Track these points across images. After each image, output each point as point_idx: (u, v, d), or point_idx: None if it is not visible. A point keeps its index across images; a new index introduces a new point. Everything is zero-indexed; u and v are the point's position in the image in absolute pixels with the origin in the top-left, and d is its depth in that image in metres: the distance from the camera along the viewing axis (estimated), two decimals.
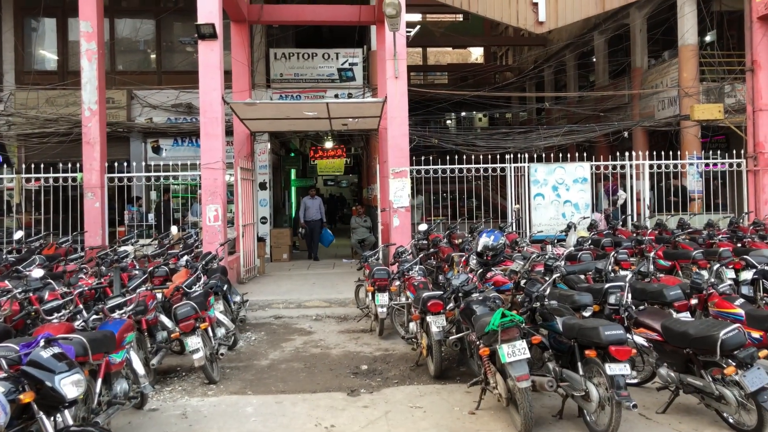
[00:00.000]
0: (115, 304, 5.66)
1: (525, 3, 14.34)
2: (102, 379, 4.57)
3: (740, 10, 13.08)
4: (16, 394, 3.48)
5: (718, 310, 5.80)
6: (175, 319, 6.16)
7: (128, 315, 5.61)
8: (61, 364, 3.74)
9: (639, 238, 9.91)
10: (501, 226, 11.70)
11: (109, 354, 4.71)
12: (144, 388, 5.27)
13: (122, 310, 5.61)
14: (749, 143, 12.92)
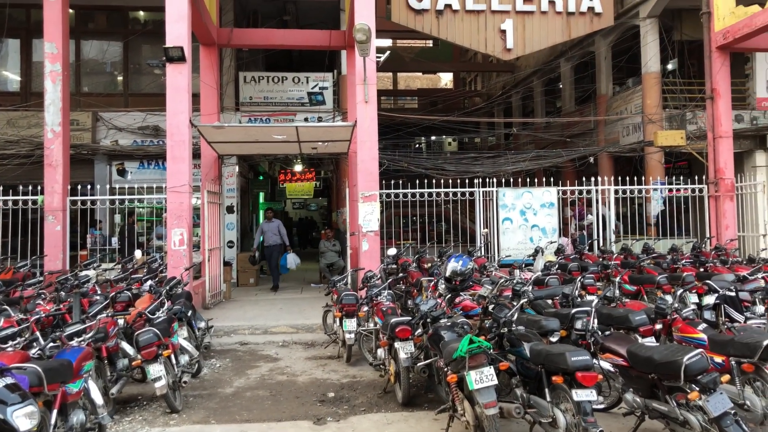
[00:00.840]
0: (73, 331, 5.48)
1: (493, 30, 14.65)
2: (57, 410, 4.41)
3: (700, 39, 13.50)
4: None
5: (682, 335, 5.86)
6: (137, 346, 5.99)
7: (87, 342, 5.44)
8: (14, 396, 3.61)
9: (605, 263, 10.02)
10: (470, 250, 11.74)
11: (65, 384, 4.55)
12: (102, 419, 5.08)
13: (81, 337, 5.44)
14: (710, 169, 13.26)
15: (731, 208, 13.01)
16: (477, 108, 23.67)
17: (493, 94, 26.68)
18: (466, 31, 14.61)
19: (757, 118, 15.38)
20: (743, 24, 12.03)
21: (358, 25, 9.87)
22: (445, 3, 14.37)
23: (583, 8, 14.78)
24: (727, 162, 13.08)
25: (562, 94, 20.96)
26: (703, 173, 13.55)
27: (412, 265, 10.61)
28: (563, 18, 14.82)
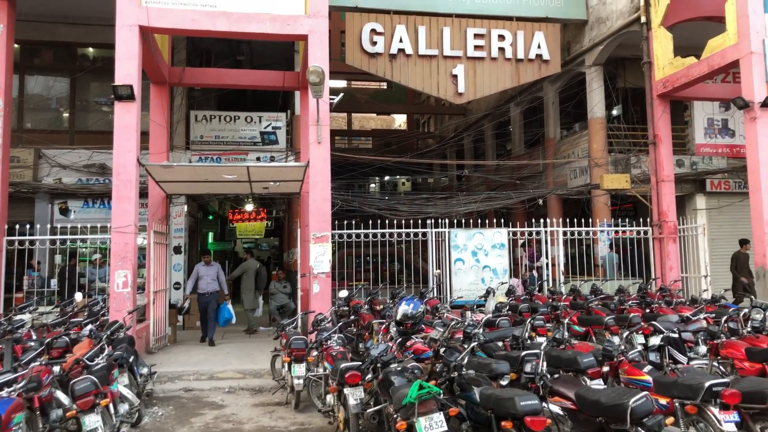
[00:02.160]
0: (3, 381, 5.18)
1: (445, 75, 14.99)
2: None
3: (642, 87, 14.08)
4: None
5: (628, 377, 5.92)
6: (73, 396, 5.68)
7: (18, 393, 5.13)
8: None
9: (555, 304, 10.13)
10: (422, 291, 11.72)
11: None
12: None
13: (11, 387, 5.14)
14: (654, 212, 13.68)
15: (674, 250, 13.41)
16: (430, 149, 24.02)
17: (445, 135, 27.15)
18: (419, 75, 14.91)
19: (697, 163, 16.04)
20: (681, 74, 12.62)
21: (312, 67, 9.93)
22: (398, 48, 14.65)
23: (531, 55, 15.30)
24: (670, 205, 13.54)
25: (512, 137, 21.47)
26: (647, 216, 13.96)
27: (364, 307, 10.51)
28: (512, 64, 15.29)
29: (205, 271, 12.12)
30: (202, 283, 12.02)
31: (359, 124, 38.03)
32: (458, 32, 14.98)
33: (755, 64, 10.57)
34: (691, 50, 12.56)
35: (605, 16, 15.33)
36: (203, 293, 12.05)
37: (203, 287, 12.03)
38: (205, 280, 12.02)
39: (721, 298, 10.51)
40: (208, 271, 12.12)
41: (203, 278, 12.05)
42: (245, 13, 10.56)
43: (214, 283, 12.07)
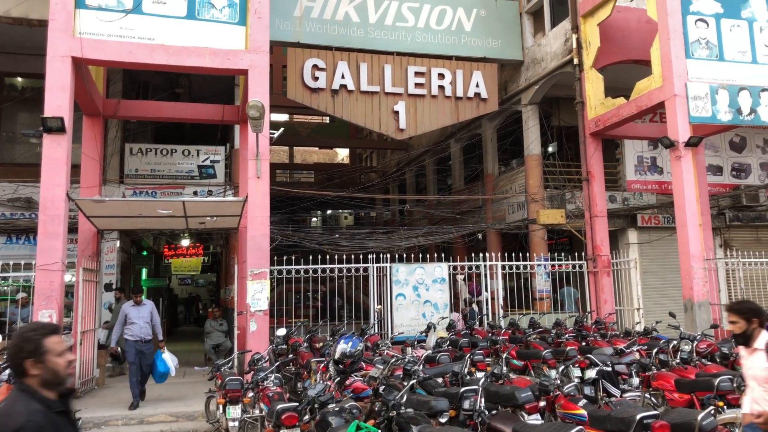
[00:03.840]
0: None
1: (387, 111, 15.15)
2: None
3: (576, 126, 14.58)
4: None
5: (564, 412, 5.96)
6: None
7: None
8: None
9: (494, 338, 10.19)
10: (363, 327, 11.61)
11: None
12: None
13: None
14: (588, 246, 14.07)
15: (609, 283, 13.78)
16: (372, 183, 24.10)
17: (387, 170, 27.37)
18: (360, 110, 15.02)
19: (628, 198, 16.65)
20: (612, 114, 13.15)
21: (252, 102, 9.86)
22: (340, 83, 14.74)
23: (470, 94, 15.68)
24: (603, 240, 13.95)
25: (452, 173, 21.83)
26: (582, 250, 14.34)
27: (303, 345, 10.29)
28: (452, 102, 15.61)
29: (136, 312, 9.99)
30: (133, 328, 9.89)
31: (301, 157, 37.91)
32: (399, 70, 15.23)
33: (679, 106, 11.13)
34: (620, 91, 13.14)
35: (540, 57, 15.92)
36: (135, 340, 9.85)
37: (134, 333, 9.87)
38: (137, 325, 9.90)
39: (652, 330, 10.83)
40: (140, 313, 10.00)
41: (134, 322, 9.91)
42: (184, 47, 10.42)
43: (147, 327, 9.97)
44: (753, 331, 4.42)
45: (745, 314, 4.45)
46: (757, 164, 17.98)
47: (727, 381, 6.45)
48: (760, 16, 11.92)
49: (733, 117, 11.42)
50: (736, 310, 4.51)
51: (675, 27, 11.30)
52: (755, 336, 4.42)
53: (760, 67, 11.76)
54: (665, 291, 14.90)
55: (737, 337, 4.56)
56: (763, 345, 4.36)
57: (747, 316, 4.44)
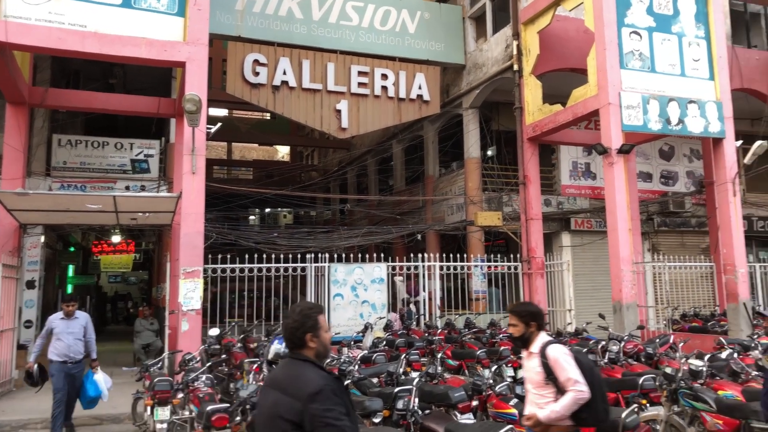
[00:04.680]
0: None
1: (329, 109, 15.05)
2: None
3: (515, 130, 14.85)
4: None
5: (496, 411, 6.04)
6: None
7: None
8: None
9: (430, 338, 10.25)
10: None
11: None
12: None
13: None
14: (523, 248, 14.36)
15: (542, 285, 14.11)
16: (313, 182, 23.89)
17: (329, 169, 27.22)
18: (302, 107, 14.87)
19: (563, 202, 17.10)
20: (549, 120, 13.46)
21: (188, 95, 9.59)
22: (282, 80, 14.55)
23: (412, 95, 15.77)
24: (538, 242, 14.28)
25: (394, 174, 21.90)
26: (518, 252, 14.63)
27: (237, 345, 10.07)
28: (395, 103, 15.67)
29: (65, 326, 7.95)
30: (59, 346, 7.88)
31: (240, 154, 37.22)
32: (342, 68, 15.15)
33: (612, 114, 11.47)
34: (558, 98, 13.46)
35: (482, 62, 16.16)
36: (62, 361, 7.85)
37: (61, 352, 7.86)
38: (64, 343, 7.88)
39: (583, 331, 11.13)
40: (70, 327, 7.97)
41: (61, 339, 7.91)
42: (119, 36, 10.02)
43: (78, 344, 8.00)
44: (531, 334, 4.41)
45: (524, 317, 4.42)
46: (684, 172, 18.80)
47: (650, 380, 6.68)
48: (689, 31, 12.45)
49: (663, 126, 11.87)
50: (516, 313, 4.48)
51: (611, 38, 11.65)
52: (533, 339, 4.41)
53: (687, 80, 12.28)
54: (596, 293, 15.36)
55: (515, 340, 4.56)
56: (537, 349, 4.35)
57: (526, 319, 4.41)
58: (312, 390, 2.69)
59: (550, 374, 4.24)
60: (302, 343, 2.93)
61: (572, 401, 4.14)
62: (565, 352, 4.30)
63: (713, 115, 12.19)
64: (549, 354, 4.27)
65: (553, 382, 4.25)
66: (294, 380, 2.79)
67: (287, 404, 2.72)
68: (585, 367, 4.26)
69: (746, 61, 15.17)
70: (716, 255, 13.66)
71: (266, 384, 3.08)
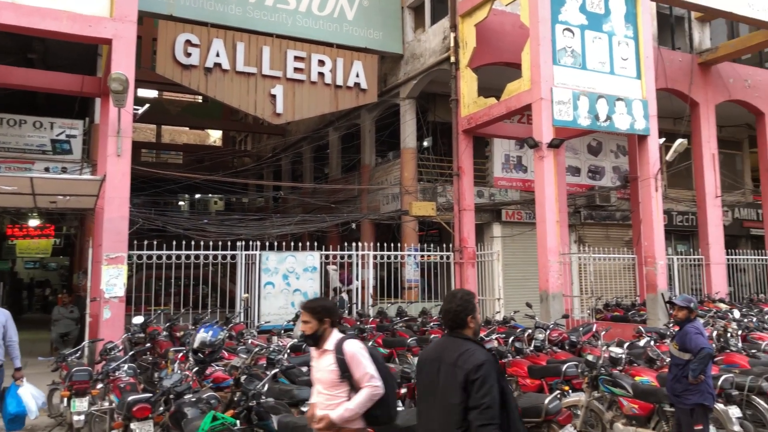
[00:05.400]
0: None
1: (263, 94, 14.76)
2: None
3: (450, 122, 14.99)
4: None
5: None
6: None
7: None
8: None
9: (361, 327, 10.25)
10: (228, 316, 11.23)
11: None
12: None
13: None
14: (456, 238, 14.55)
15: (473, 274, 14.35)
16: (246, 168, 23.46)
17: (263, 155, 26.76)
18: (235, 91, 14.53)
19: (495, 194, 17.43)
20: (483, 113, 13.64)
21: (114, 74, 9.22)
22: (214, 62, 14.17)
23: (350, 83, 15.68)
24: (470, 232, 14.50)
25: (329, 162, 21.75)
26: (450, 242, 14.82)
27: (162, 334, 9.77)
28: (332, 90, 15.54)
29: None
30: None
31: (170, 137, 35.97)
32: (278, 53, 14.88)
33: (544, 109, 11.73)
34: (493, 92, 13.66)
35: (419, 52, 16.21)
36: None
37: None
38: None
39: (511, 320, 11.39)
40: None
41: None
42: (38, 8, 9.46)
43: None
44: (324, 331, 4.12)
45: (318, 314, 4.13)
46: (611, 167, 19.52)
47: (573, 367, 6.91)
48: (619, 31, 12.86)
49: (592, 122, 12.24)
50: (310, 309, 4.17)
51: (545, 34, 11.89)
52: (326, 336, 4.13)
53: (616, 78, 12.69)
54: (524, 282, 15.76)
55: (307, 338, 4.24)
56: (332, 346, 4.09)
57: (320, 315, 4.13)
58: (478, 362, 3.31)
59: (345, 372, 4.01)
60: (464, 323, 3.52)
61: (368, 397, 3.96)
62: (362, 347, 4.11)
63: (639, 113, 12.66)
64: (346, 349, 4.03)
65: (348, 380, 4.02)
66: (461, 354, 3.39)
67: (455, 375, 3.35)
68: (379, 363, 4.11)
69: (670, 62, 15.84)
70: (638, 247, 14.28)
71: (427, 358, 3.67)
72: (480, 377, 3.28)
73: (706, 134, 16.31)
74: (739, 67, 17.71)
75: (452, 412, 3.34)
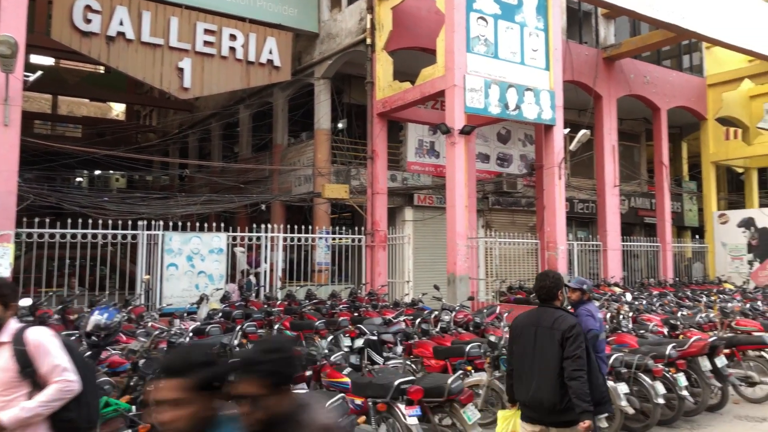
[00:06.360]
0: None
1: (170, 67, 14.11)
2: None
3: (365, 105, 14.93)
4: None
5: (329, 380, 6.05)
6: None
7: None
8: None
9: (269, 310, 10.08)
10: (128, 299, 10.73)
11: None
12: None
13: None
14: (368, 221, 14.58)
15: (384, 257, 14.45)
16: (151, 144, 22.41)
17: (169, 131, 25.69)
18: (140, 62, 13.81)
19: (408, 179, 17.56)
20: (398, 97, 13.67)
21: (2, 36, 8.64)
22: (117, 30, 13.40)
23: (262, 59, 15.26)
24: (382, 216, 14.57)
25: (240, 140, 21.16)
26: (363, 225, 14.83)
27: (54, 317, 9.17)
28: (243, 66, 15.07)
29: None
30: None
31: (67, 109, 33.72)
32: (187, 24, 14.25)
33: (457, 96, 11.89)
34: (408, 76, 13.69)
35: (335, 32, 15.99)
36: None
37: None
38: None
39: (419, 302, 11.55)
40: None
41: None
42: None
43: None
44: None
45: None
46: (518, 155, 20.14)
47: (476, 348, 7.08)
48: (530, 22, 13.20)
49: (502, 111, 12.53)
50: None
51: (459, 21, 12.01)
52: (1, 326, 3.29)
53: (526, 69, 13.04)
54: (434, 265, 16.02)
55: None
56: (9, 337, 3.28)
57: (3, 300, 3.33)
58: (571, 324, 4.26)
59: (27, 366, 3.22)
60: (555, 296, 4.43)
61: (56, 394, 3.21)
62: (51, 335, 3.37)
63: (546, 104, 13.09)
64: (29, 339, 3.26)
65: (31, 377, 3.23)
66: (555, 319, 4.30)
67: (552, 336, 4.25)
68: (76, 355, 3.41)
69: (577, 55, 16.49)
70: (541, 233, 14.85)
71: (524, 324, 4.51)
72: (573, 335, 4.20)
73: (607, 126, 17.16)
74: (640, 63, 18.73)
75: (552, 363, 4.21)
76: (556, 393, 4.18)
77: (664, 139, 19.02)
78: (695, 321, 9.48)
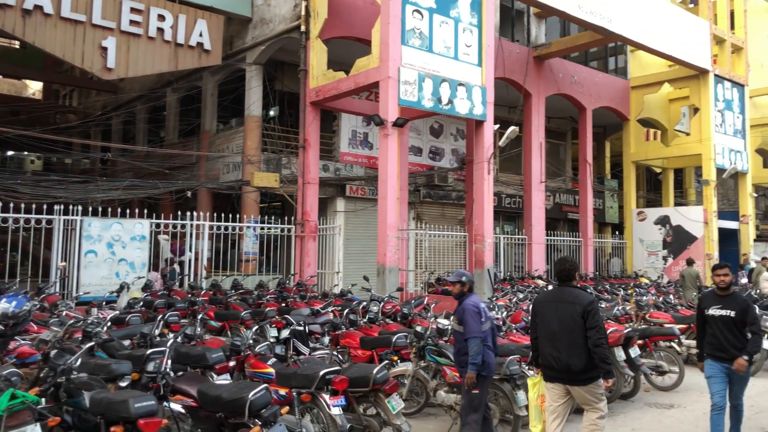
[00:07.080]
0: None
1: (93, 45, 13.51)
2: None
3: (298, 92, 14.72)
4: None
5: (253, 371, 5.96)
6: None
7: None
8: None
9: (193, 299, 9.82)
10: (41, 286, 10.19)
11: None
12: None
13: None
14: (299, 211, 14.42)
15: (314, 248, 14.34)
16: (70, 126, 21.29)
17: (90, 113, 24.51)
18: (59, 39, 13.12)
19: (340, 169, 17.46)
20: (332, 86, 13.54)
21: None
22: (35, 3, 12.69)
23: (192, 42, 14.81)
24: (313, 206, 14.44)
25: (166, 124, 20.44)
26: (293, 215, 14.64)
27: None
28: (171, 48, 14.58)
29: None
30: None
31: None
32: (112, 2, 13.69)
33: (391, 88, 11.89)
34: (342, 66, 13.59)
35: (269, 18, 15.67)
36: None
37: None
38: None
39: (348, 292, 11.53)
40: None
41: None
42: None
43: None
44: None
45: None
46: (450, 150, 20.40)
47: (402, 338, 7.13)
48: (465, 18, 13.35)
49: (435, 105, 12.63)
50: None
51: (395, 13, 12.00)
52: None
53: (459, 64, 13.19)
54: (365, 256, 16.03)
55: None
56: None
57: None
58: (590, 299, 5.10)
59: None
60: (572, 277, 5.25)
61: None
62: None
63: (478, 99, 13.29)
64: None
65: None
66: (576, 296, 5.11)
67: (575, 309, 5.05)
68: None
69: (509, 53, 16.84)
70: (469, 226, 15.12)
71: (545, 301, 5.41)
72: (593, 309, 5.02)
73: (536, 124, 17.64)
74: (568, 63, 19.33)
75: (576, 332, 5.00)
76: (581, 358, 4.97)
77: (589, 138, 19.73)
78: (612, 313, 9.88)
